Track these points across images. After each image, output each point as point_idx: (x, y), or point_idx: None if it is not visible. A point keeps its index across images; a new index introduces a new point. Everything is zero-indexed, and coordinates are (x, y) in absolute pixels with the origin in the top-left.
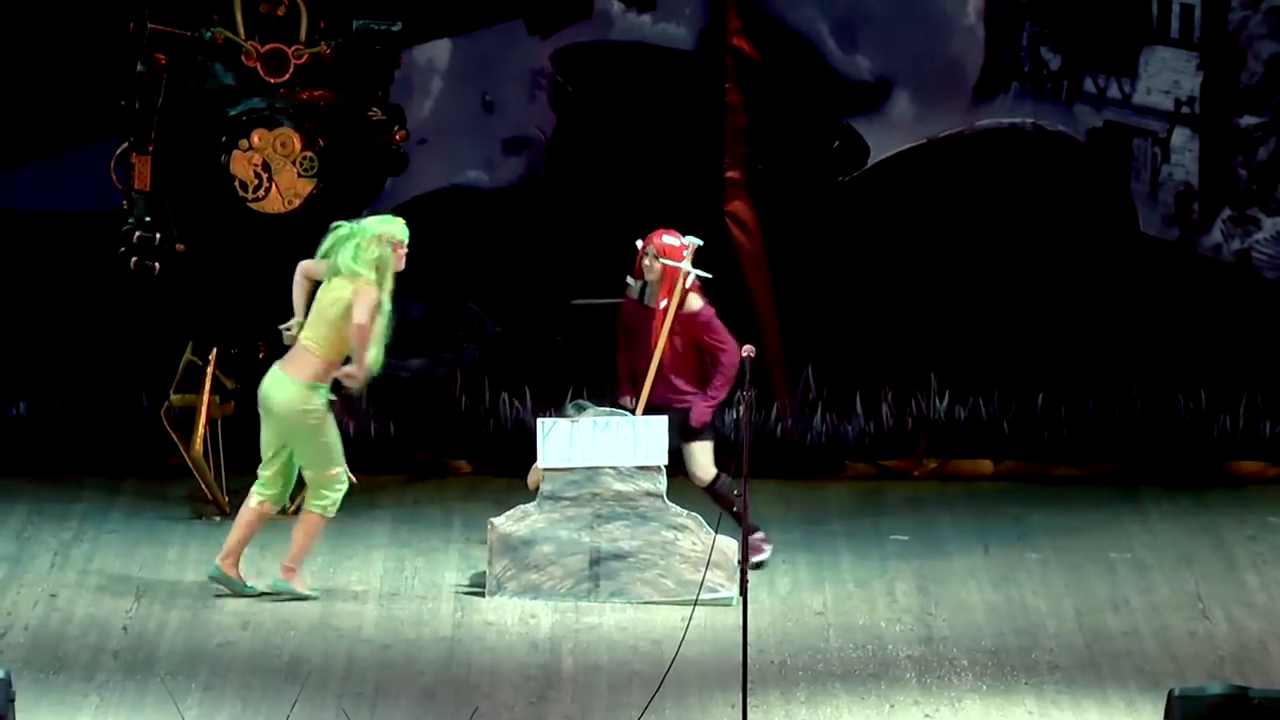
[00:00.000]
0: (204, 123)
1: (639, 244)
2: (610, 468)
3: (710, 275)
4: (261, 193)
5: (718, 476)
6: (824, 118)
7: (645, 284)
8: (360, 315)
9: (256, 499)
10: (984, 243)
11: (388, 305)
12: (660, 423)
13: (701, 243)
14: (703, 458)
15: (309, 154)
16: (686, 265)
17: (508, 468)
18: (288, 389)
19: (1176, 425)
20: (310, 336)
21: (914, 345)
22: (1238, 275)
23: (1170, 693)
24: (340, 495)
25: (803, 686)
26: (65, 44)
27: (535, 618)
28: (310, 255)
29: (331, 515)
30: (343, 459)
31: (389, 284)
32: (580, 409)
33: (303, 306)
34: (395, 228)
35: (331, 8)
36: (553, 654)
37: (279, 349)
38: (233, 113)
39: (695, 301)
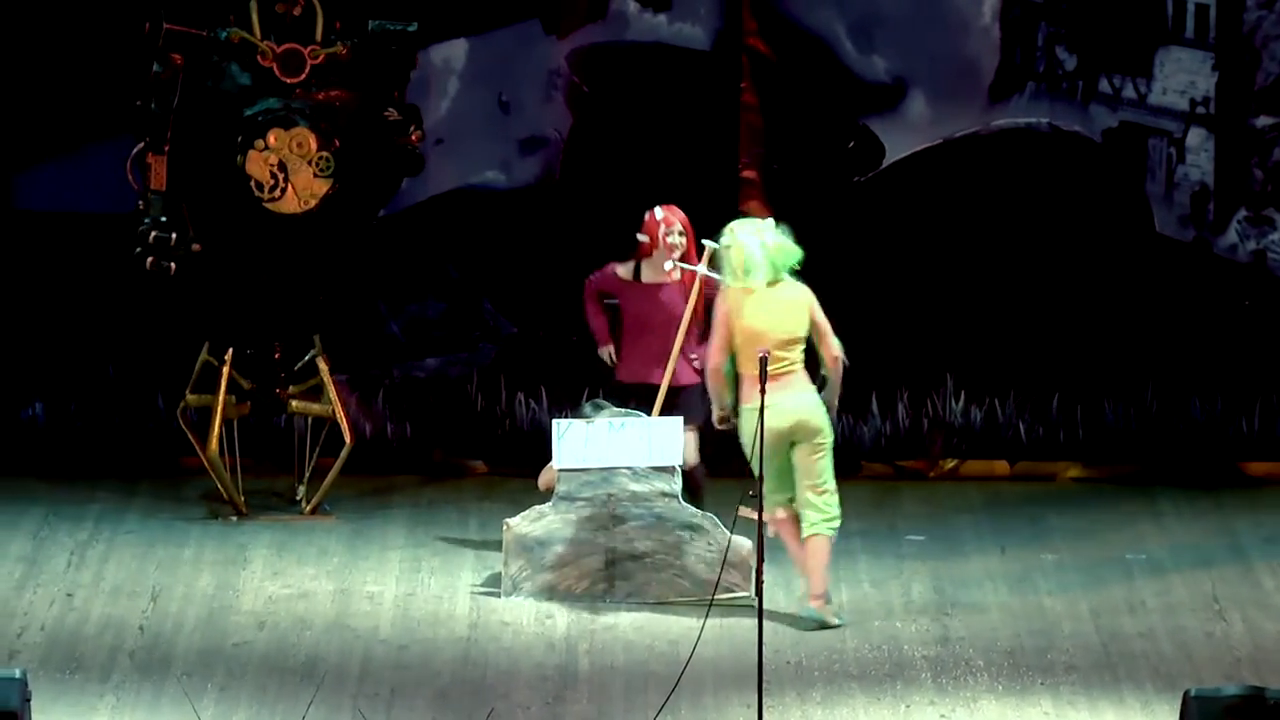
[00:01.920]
0: (220, 123)
1: (658, 216)
2: (625, 468)
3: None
4: (277, 193)
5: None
6: (840, 118)
7: (640, 262)
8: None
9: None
10: (999, 243)
11: None
12: (675, 424)
13: (717, 246)
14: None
15: (325, 154)
16: (703, 269)
17: (524, 468)
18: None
19: (1192, 426)
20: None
21: (930, 346)
22: (1253, 276)
23: (1186, 694)
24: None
25: (819, 687)
26: (81, 44)
27: (551, 618)
28: (324, 255)
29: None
30: None
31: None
32: (598, 408)
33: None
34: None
35: (347, 8)
36: (569, 654)
37: (296, 350)
38: (249, 113)
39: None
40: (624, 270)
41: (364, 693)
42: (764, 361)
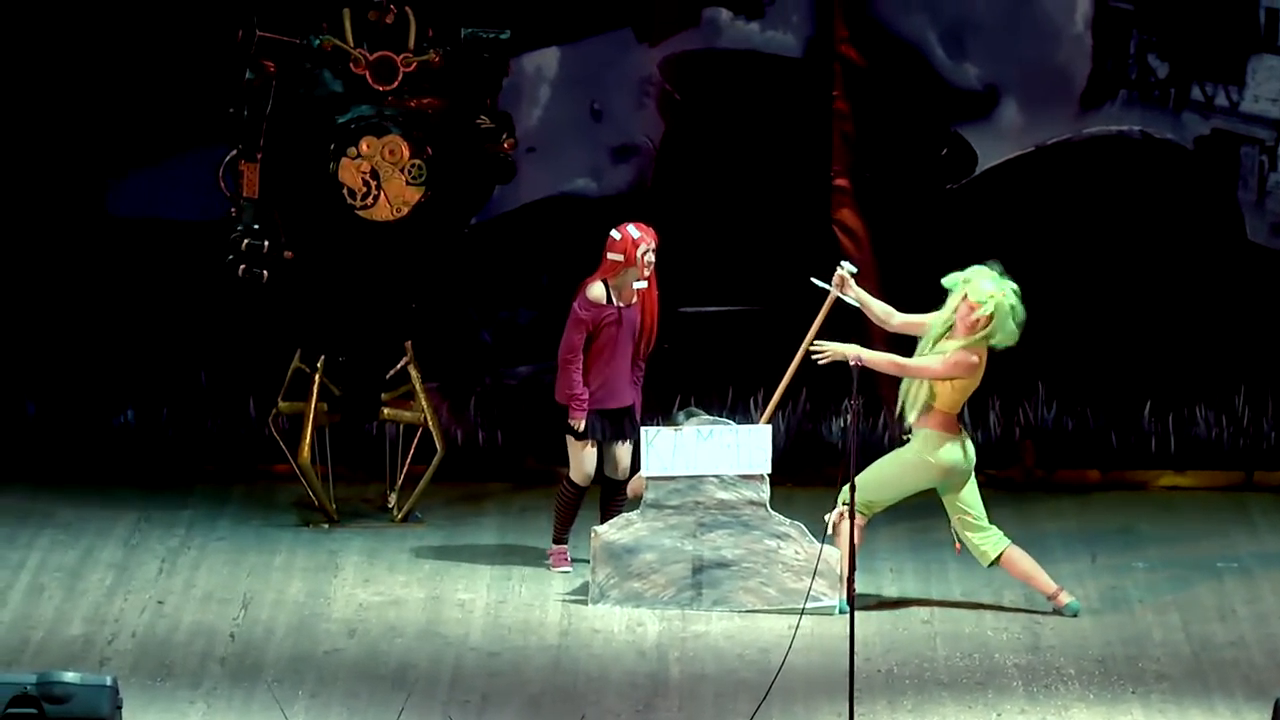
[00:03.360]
0: (312, 130)
1: (634, 235)
2: (714, 476)
3: (856, 303)
4: (370, 200)
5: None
6: (932, 125)
7: (612, 284)
8: None
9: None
10: (1091, 251)
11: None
12: (764, 432)
13: (856, 270)
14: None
15: (417, 162)
16: (836, 291)
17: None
18: None
19: None
20: None
21: (1021, 354)
22: None
23: (1277, 701)
24: None
25: (909, 695)
26: (174, 52)
27: (642, 625)
28: (415, 263)
29: None
30: None
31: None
32: (691, 415)
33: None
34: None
35: (440, 15)
36: (659, 662)
37: (388, 358)
38: (341, 120)
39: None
40: (598, 293)
41: (455, 700)
42: (856, 370)
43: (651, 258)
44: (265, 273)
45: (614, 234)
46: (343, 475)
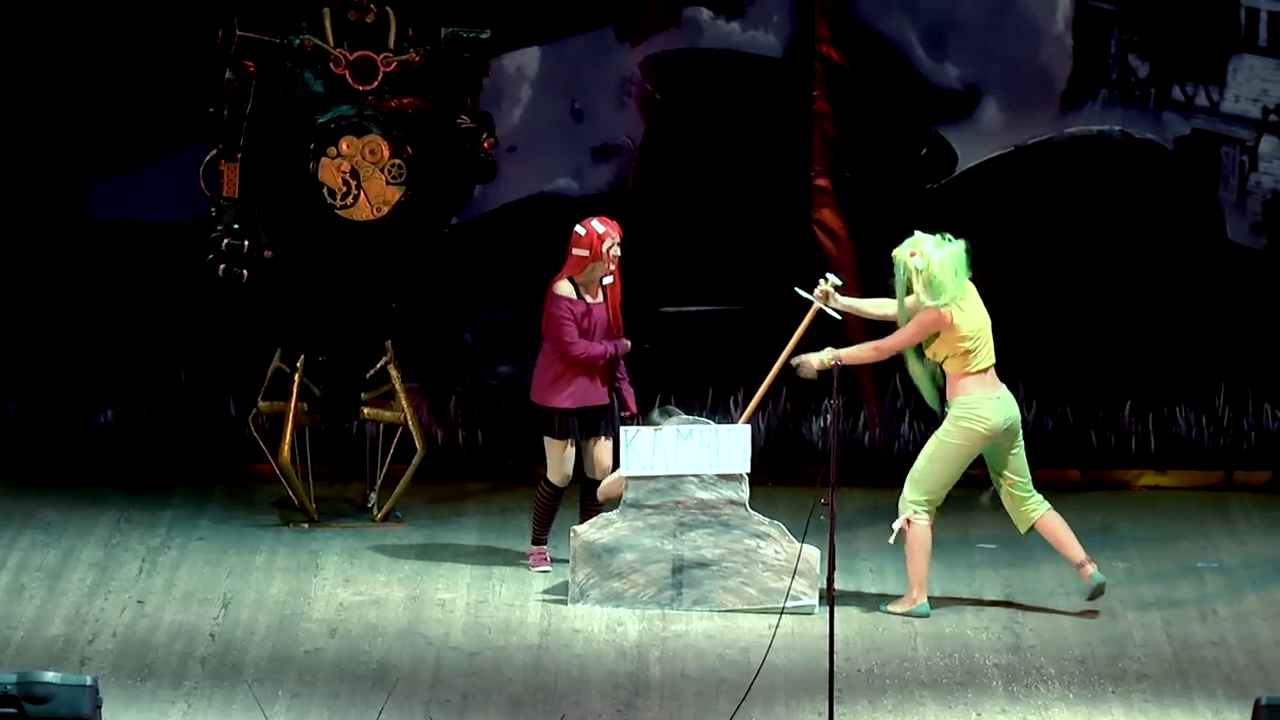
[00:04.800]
0: (292, 130)
1: (599, 229)
2: (693, 476)
3: (839, 315)
4: (350, 200)
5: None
6: (913, 125)
7: (579, 281)
8: None
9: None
10: (1071, 250)
11: None
12: (744, 431)
13: (841, 282)
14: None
15: (397, 161)
16: (820, 302)
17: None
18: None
19: (1264, 433)
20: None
21: (1001, 354)
22: None
23: (1257, 702)
24: None
25: (890, 695)
26: (154, 53)
27: (622, 625)
28: (396, 263)
29: None
30: None
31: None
32: (669, 414)
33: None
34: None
35: (420, 15)
36: (640, 662)
37: (368, 357)
38: (321, 120)
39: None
40: (566, 290)
41: (436, 699)
42: (836, 370)
43: (617, 251)
44: (245, 272)
45: (579, 229)
46: (323, 475)
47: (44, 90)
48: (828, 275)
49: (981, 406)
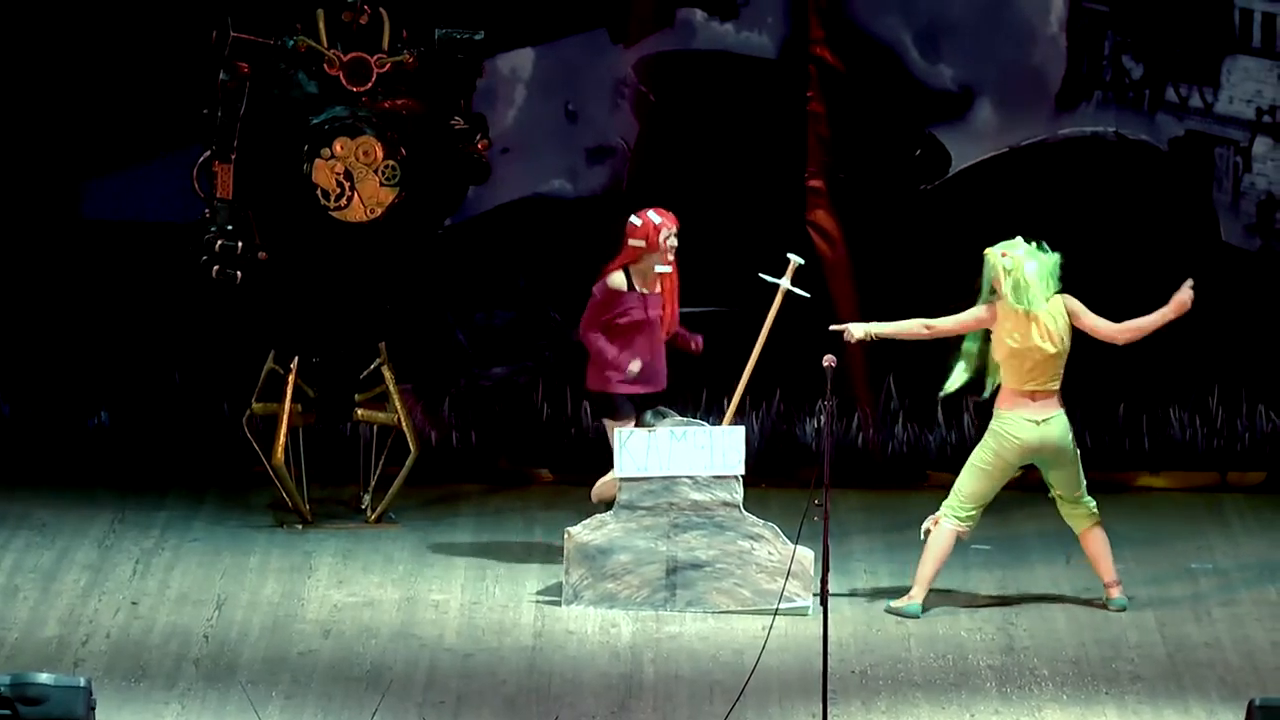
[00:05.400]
0: (286, 131)
1: (654, 219)
2: (687, 477)
3: (808, 295)
4: (344, 201)
5: None
6: (907, 127)
7: (629, 268)
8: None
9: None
10: (1065, 251)
11: None
12: (738, 433)
13: (803, 261)
14: None
15: (391, 163)
16: (786, 283)
17: (589, 476)
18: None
19: (1258, 435)
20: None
21: None
22: None
23: (1251, 703)
24: None
25: (884, 696)
26: (148, 53)
27: (616, 627)
28: (390, 264)
29: None
30: None
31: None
32: (660, 415)
33: None
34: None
35: (414, 16)
36: (634, 663)
37: (361, 359)
38: (315, 121)
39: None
40: (619, 281)
41: (430, 701)
42: (830, 371)
43: (674, 242)
44: (239, 274)
45: (634, 220)
46: (317, 476)
47: (38, 91)
48: (790, 255)
49: (1012, 425)
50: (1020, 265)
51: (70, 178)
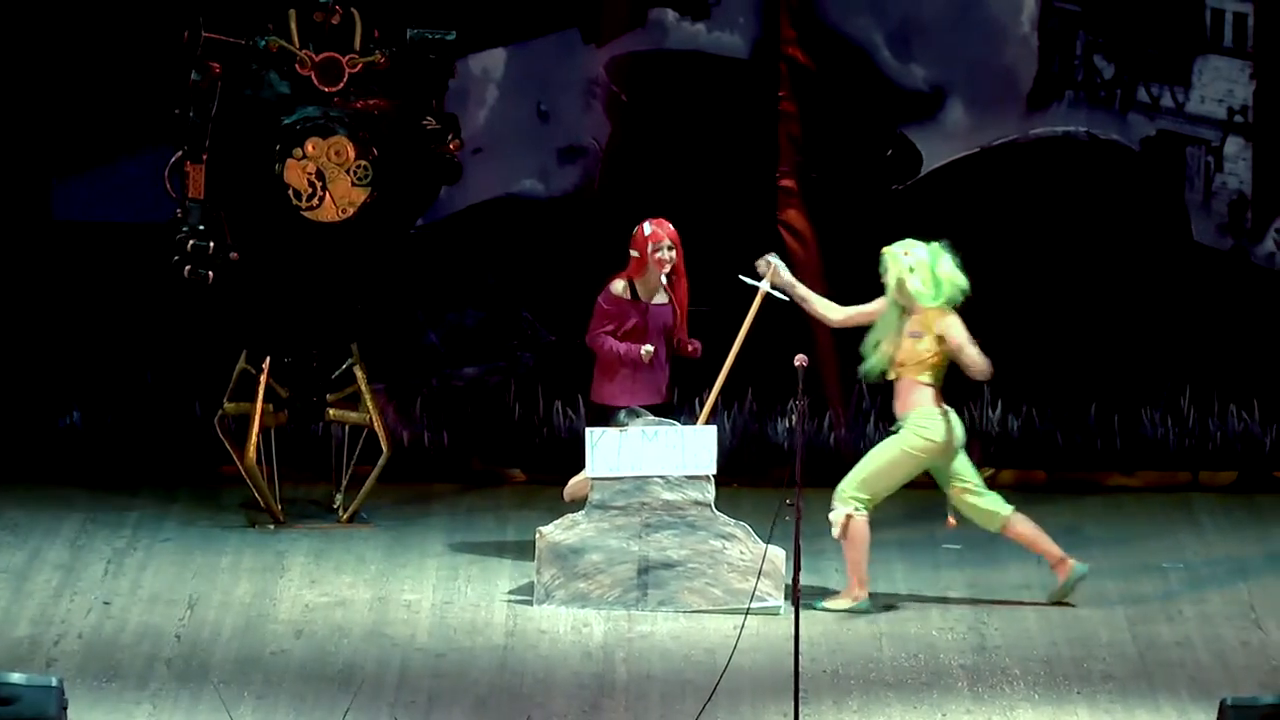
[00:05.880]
0: (258, 131)
1: (646, 231)
2: (659, 477)
3: (788, 298)
4: (315, 201)
5: None
6: (878, 126)
7: (633, 279)
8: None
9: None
10: (1037, 252)
11: None
12: (709, 432)
13: (779, 262)
14: None
15: (363, 163)
16: (766, 285)
17: (561, 476)
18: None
19: (1229, 435)
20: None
21: None
22: None
23: (1222, 702)
24: None
25: (855, 695)
26: (120, 53)
27: (588, 626)
28: (362, 264)
29: None
30: None
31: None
32: (632, 415)
33: None
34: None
35: (386, 17)
36: (606, 663)
37: (333, 358)
38: (287, 121)
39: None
40: (622, 288)
41: (401, 701)
42: (801, 371)
43: (665, 254)
44: (211, 274)
45: (635, 231)
46: (289, 476)
47: (8, 90)
48: (770, 256)
49: (941, 420)
50: (929, 262)
51: (41, 177)
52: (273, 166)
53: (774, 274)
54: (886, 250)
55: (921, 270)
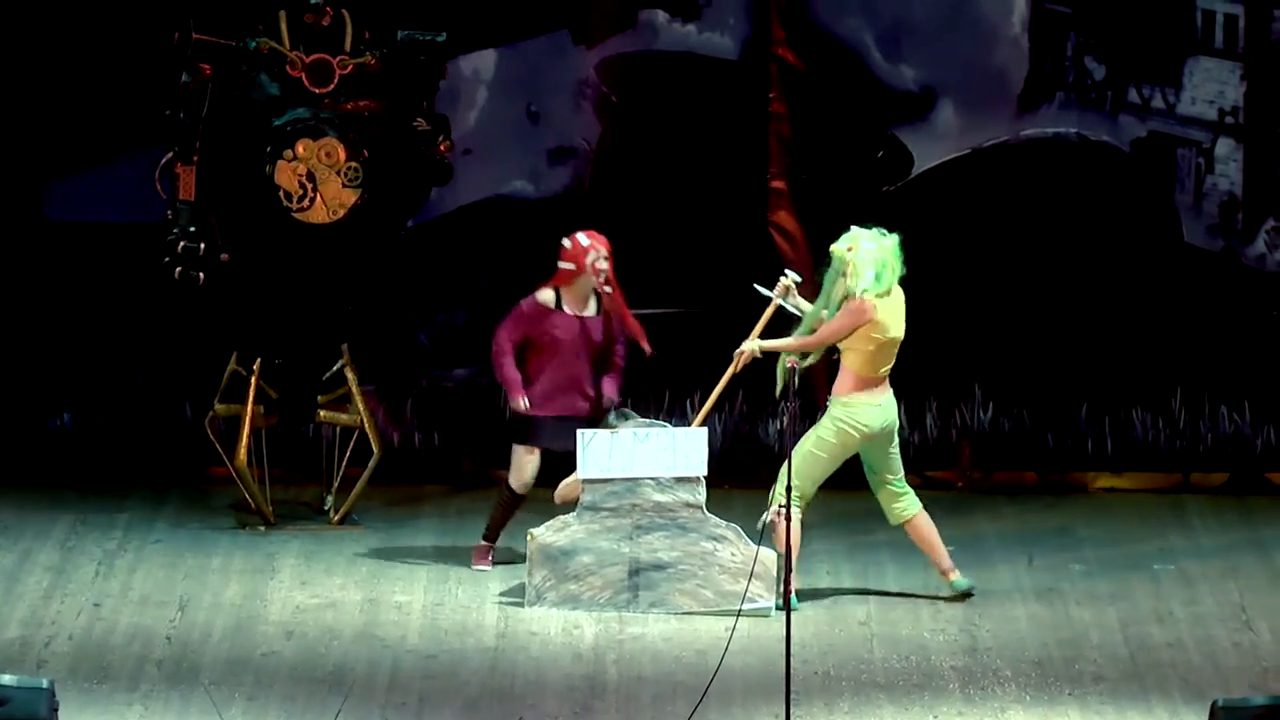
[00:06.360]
0: (249, 133)
1: (583, 242)
2: (650, 479)
3: (799, 312)
4: (306, 203)
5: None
6: (869, 128)
7: (560, 290)
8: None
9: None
10: (1028, 253)
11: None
12: (700, 434)
13: (799, 279)
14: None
15: (354, 164)
16: (778, 298)
17: (552, 478)
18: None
19: (1220, 436)
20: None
21: (958, 356)
22: None
23: (1214, 704)
24: None
25: (846, 697)
26: (110, 55)
27: (579, 628)
28: (352, 265)
29: None
30: None
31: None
32: (623, 415)
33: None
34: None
35: (376, 18)
36: (597, 664)
37: (324, 360)
38: (278, 123)
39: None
40: (547, 297)
41: (392, 702)
42: (793, 371)
43: (602, 264)
44: (202, 275)
45: (565, 242)
46: (279, 478)
47: (0, 92)
48: (787, 272)
49: (861, 412)
50: (870, 253)
51: (32, 178)
52: (263, 168)
53: (791, 293)
54: (833, 247)
55: (865, 261)
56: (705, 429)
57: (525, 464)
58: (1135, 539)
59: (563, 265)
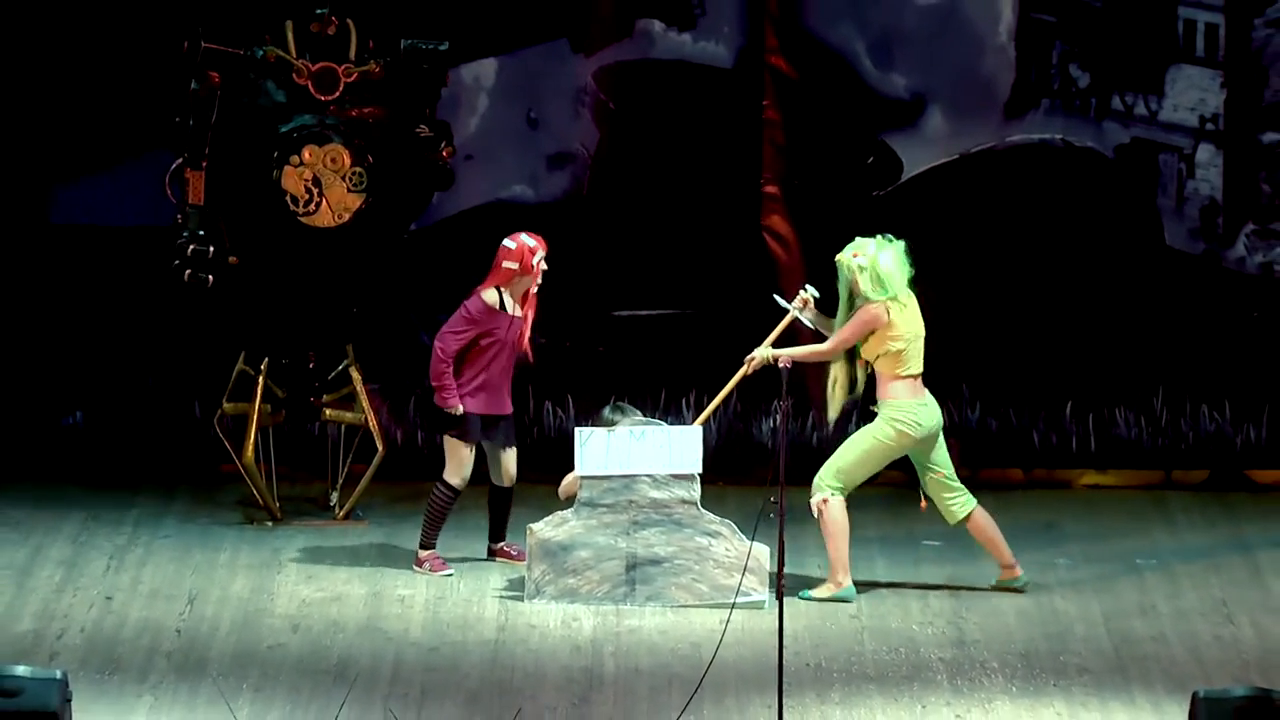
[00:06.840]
0: (256, 139)
1: (529, 243)
2: (646, 476)
3: (813, 326)
4: (312, 207)
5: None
6: (860, 134)
7: (506, 292)
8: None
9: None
10: (1015, 256)
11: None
12: (695, 432)
13: (818, 295)
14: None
15: (358, 169)
16: (795, 310)
17: (551, 475)
18: None
19: (1202, 434)
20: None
21: (946, 356)
22: (1261, 288)
23: (1195, 695)
24: None
25: (837, 688)
26: (121, 62)
27: (577, 621)
28: (357, 268)
29: None
30: None
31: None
32: (621, 411)
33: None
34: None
35: (380, 27)
36: (594, 656)
37: (329, 360)
38: (284, 129)
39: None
40: (493, 299)
41: (395, 694)
42: (785, 372)
43: (543, 264)
44: (210, 278)
45: (508, 243)
46: (286, 475)
47: (9, 96)
48: (807, 286)
49: (915, 412)
50: (875, 259)
51: (41, 182)
52: (270, 173)
53: (809, 307)
54: (839, 257)
55: (870, 268)
56: (700, 428)
57: (465, 459)
58: (1119, 535)
59: (506, 265)
